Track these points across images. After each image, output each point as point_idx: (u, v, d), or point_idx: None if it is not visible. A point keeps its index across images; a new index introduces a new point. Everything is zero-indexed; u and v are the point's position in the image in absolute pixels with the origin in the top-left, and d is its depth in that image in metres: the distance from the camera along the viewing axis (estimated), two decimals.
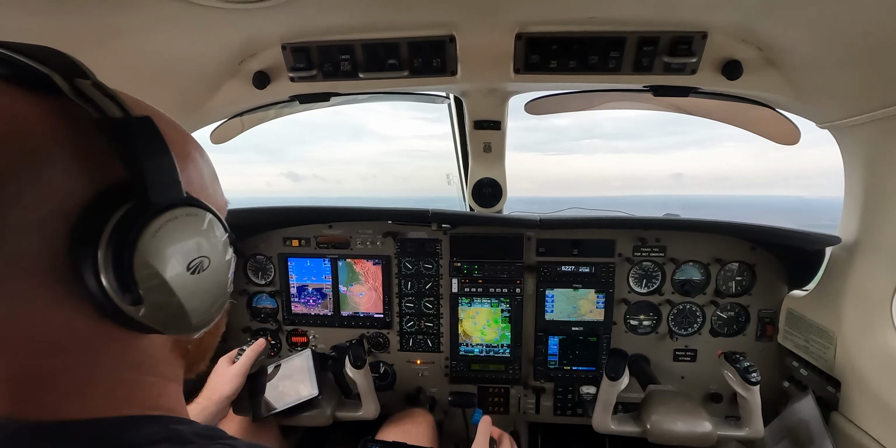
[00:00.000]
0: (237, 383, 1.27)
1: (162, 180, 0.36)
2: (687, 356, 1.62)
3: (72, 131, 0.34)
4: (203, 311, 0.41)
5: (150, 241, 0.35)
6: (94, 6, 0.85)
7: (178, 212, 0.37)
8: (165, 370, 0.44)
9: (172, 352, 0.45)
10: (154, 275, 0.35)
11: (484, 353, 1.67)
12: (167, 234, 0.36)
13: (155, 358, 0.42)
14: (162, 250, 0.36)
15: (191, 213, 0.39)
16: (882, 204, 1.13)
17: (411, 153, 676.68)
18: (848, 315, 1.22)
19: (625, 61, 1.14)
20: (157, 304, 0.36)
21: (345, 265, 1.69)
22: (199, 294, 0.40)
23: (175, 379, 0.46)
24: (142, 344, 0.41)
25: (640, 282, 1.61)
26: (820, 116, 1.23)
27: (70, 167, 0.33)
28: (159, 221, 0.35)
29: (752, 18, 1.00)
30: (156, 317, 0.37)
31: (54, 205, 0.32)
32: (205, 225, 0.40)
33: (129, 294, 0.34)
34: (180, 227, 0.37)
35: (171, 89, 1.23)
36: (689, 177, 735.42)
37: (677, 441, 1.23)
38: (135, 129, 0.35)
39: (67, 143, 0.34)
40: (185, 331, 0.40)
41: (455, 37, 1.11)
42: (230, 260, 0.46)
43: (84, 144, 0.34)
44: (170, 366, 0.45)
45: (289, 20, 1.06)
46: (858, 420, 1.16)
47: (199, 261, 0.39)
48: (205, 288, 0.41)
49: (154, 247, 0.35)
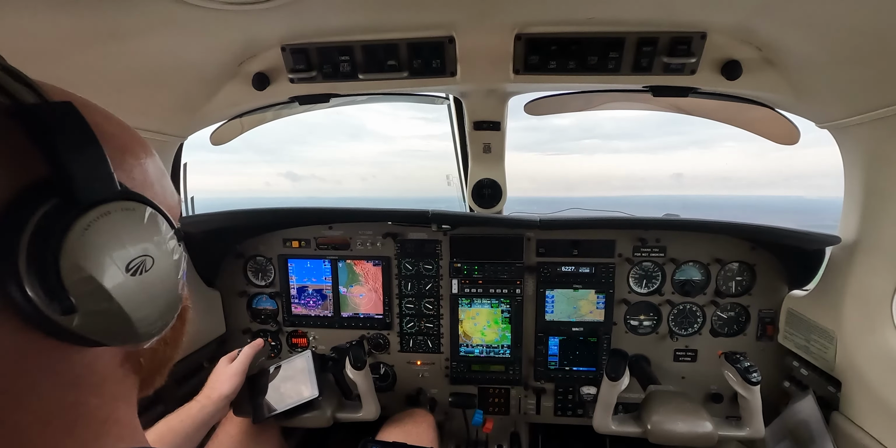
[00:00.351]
0: (236, 382, 1.27)
1: (89, 173, 0.32)
2: (687, 356, 1.62)
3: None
4: (151, 317, 0.37)
5: (78, 239, 0.30)
6: (94, 8, 0.85)
7: (112, 207, 0.33)
8: (114, 389, 0.38)
9: (122, 367, 0.39)
10: (86, 279, 0.31)
11: (484, 353, 1.67)
12: (99, 231, 0.32)
13: (101, 375, 0.37)
14: (94, 250, 0.31)
15: (127, 207, 0.34)
16: (882, 203, 1.13)
17: (411, 153, 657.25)
18: (848, 315, 1.22)
19: (624, 62, 1.14)
20: (93, 312, 0.32)
21: (345, 266, 1.69)
22: (143, 298, 0.35)
23: (126, 399, 0.40)
24: (84, 359, 0.35)
25: (641, 282, 1.61)
26: (819, 116, 1.23)
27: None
28: (88, 218, 0.31)
29: (751, 18, 1.00)
30: (94, 326, 0.32)
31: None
32: (145, 220, 0.36)
33: (59, 302, 0.30)
34: (115, 224, 0.33)
35: (171, 91, 1.23)
36: (690, 177, 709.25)
37: (678, 441, 1.23)
38: (54, 116, 0.31)
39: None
40: (132, 340, 0.36)
41: (454, 38, 1.12)
42: (179, 259, 0.40)
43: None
44: (119, 384, 0.39)
45: (288, 22, 1.06)
46: (859, 420, 1.16)
47: (141, 260, 0.35)
48: (150, 291, 0.36)
49: (84, 246, 0.31)
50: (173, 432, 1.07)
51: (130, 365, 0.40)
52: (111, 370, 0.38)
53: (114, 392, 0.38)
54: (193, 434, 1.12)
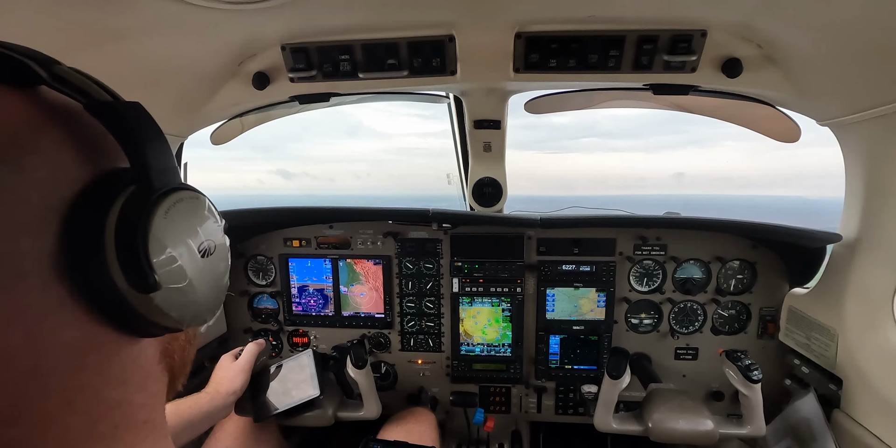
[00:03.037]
0: (243, 378, 1.27)
1: (162, 164, 0.34)
2: (688, 354, 1.62)
3: (52, 120, 0.32)
4: (211, 299, 0.40)
5: (161, 221, 0.33)
6: (94, 8, 0.85)
7: (182, 195, 0.35)
8: (153, 388, 0.38)
9: (160, 364, 0.39)
10: (169, 258, 0.33)
11: (485, 352, 1.67)
12: (177, 215, 0.34)
13: (145, 371, 0.37)
14: (174, 232, 0.34)
15: (193, 196, 0.37)
16: (883, 201, 1.13)
17: (408, 151, 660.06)
18: (849, 312, 1.22)
19: (624, 60, 1.13)
20: (173, 290, 0.34)
21: (345, 265, 1.69)
22: (209, 280, 0.38)
23: (161, 400, 0.40)
24: (133, 353, 0.36)
25: (641, 280, 1.61)
26: (820, 114, 1.23)
27: (59, 156, 0.31)
28: (168, 202, 0.33)
29: (752, 16, 1.00)
30: (172, 304, 0.34)
31: (45, 198, 0.29)
32: (206, 209, 0.39)
33: (145, 279, 0.31)
34: (188, 210, 0.36)
35: (172, 90, 1.23)
36: (691, 176, 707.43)
37: (679, 439, 1.23)
38: (130, 112, 0.33)
39: (50, 130, 0.31)
40: (197, 321, 0.38)
41: (454, 36, 1.11)
42: (228, 247, 0.43)
43: (70, 132, 0.32)
44: (158, 382, 0.39)
45: (288, 21, 1.06)
46: (860, 417, 1.16)
47: (207, 244, 0.38)
48: (212, 274, 0.39)
49: (166, 228, 0.33)
50: (180, 416, 1.07)
51: (165, 363, 0.40)
52: (152, 367, 0.38)
53: (153, 391, 0.38)
54: (198, 423, 1.13)
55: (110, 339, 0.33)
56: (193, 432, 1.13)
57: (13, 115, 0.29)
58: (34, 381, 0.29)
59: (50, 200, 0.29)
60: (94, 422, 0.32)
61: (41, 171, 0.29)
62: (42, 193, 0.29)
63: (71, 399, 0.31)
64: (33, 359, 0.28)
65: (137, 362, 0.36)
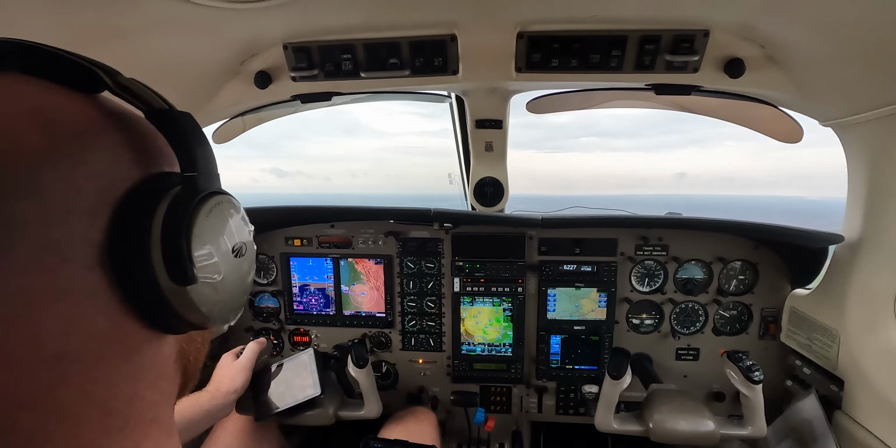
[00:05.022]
0: (245, 377, 1.27)
1: (208, 169, 0.37)
2: (689, 355, 1.62)
3: (113, 123, 0.35)
4: (238, 298, 0.42)
5: (204, 220, 0.35)
6: (97, 7, 0.85)
7: (223, 198, 0.38)
8: (165, 387, 0.39)
9: (175, 363, 0.40)
10: (207, 254, 0.35)
11: (486, 352, 1.67)
12: (217, 215, 0.37)
13: (159, 369, 0.38)
14: (214, 231, 0.36)
15: (231, 201, 0.40)
16: (885, 202, 1.13)
17: (406, 150, 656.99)
18: (851, 313, 1.21)
19: (626, 60, 1.13)
20: (206, 285, 0.36)
21: (346, 265, 1.69)
22: (237, 278, 0.40)
23: (171, 400, 0.41)
24: (152, 349, 0.37)
25: (643, 281, 1.61)
26: (823, 114, 1.22)
27: (116, 155, 0.34)
28: (211, 203, 0.36)
29: (755, 16, 1.00)
30: (203, 298, 0.36)
31: (99, 191, 0.32)
32: (241, 214, 0.41)
33: (184, 272, 0.33)
34: (227, 212, 0.38)
35: (173, 89, 1.23)
36: (693, 176, 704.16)
37: (680, 440, 1.23)
38: (184, 120, 0.36)
39: (110, 132, 0.34)
40: (222, 319, 0.40)
41: (456, 36, 1.11)
42: (255, 249, 0.46)
43: (128, 136, 0.35)
44: (170, 382, 0.40)
45: (290, 20, 1.06)
46: (862, 419, 1.16)
47: (241, 246, 0.40)
48: (242, 274, 0.41)
49: (208, 226, 0.35)
50: (181, 415, 1.08)
51: (180, 364, 0.41)
52: (167, 366, 0.39)
53: (165, 390, 0.39)
54: (198, 422, 1.13)
55: (135, 332, 0.34)
56: (194, 431, 1.13)
57: (79, 116, 0.33)
58: (56, 367, 0.29)
59: (104, 193, 0.32)
60: (106, 415, 0.32)
61: (99, 165, 0.32)
62: (97, 186, 0.32)
63: (87, 390, 0.31)
64: (60, 344, 0.29)
65: (154, 359, 0.37)
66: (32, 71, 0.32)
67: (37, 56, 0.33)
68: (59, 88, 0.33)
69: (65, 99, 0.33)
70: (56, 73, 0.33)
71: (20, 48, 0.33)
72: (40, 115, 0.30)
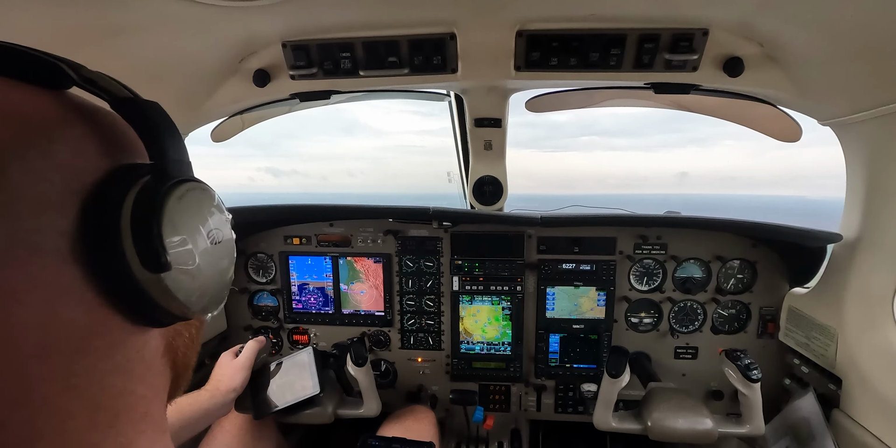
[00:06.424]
0: (244, 375, 1.28)
1: (177, 157, 0.37)
2: (688, 353, 1.62)
3: (79, 116, 0.35)
4: (219, 289, 0.41)
5: (175, 206, 0.35)
6: (95, 4, 0.85)
7: (194, 185, 0.38)
8: (155, 381, 0.38)
9: (163, 357, 0.40)
10: (180, 240, 0.35)
11: (485, 350, 1.68)
12: (189, 201, 0.36)
13: (147, 363, 0.37)
14: (186, 217, 0.36)
15: (204, 187, 0.39)
16: (884, 201, 1.13)
17: (405, 149, 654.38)
18: (849, 312, 1.22)
19: (626, 58, 1.13)
20: (182, 272, 0.35)
21: (345, 263, 1.69)
22: (215, 267, 0.40)
23: (162, 395, 0.40)
24: (138, 342, 0.36)
25: (641, 279, 1.61)
26: (822, 113, 1.22)
27: (82, 147, 0.34)
28: (181, 190, 0.36)
29: (754, 15, 1.00)
30: (180, 286, 0.35)
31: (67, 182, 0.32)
32: (215, 201, 0.41)
33: (157, 259, 0.33)
34: (199, 198, 0.38)
35: (172, 87, 1.23)
36: (694, 176, 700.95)
37: (678, 438, 1.23)
38: (150, 109, 0.36)
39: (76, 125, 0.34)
40: (202, 309, 0.39)
41: (456, 34, 1.11)
42: (234, 239, 0.45)
43: (94, 128, 0.35)
44: (160, 376, 0.39)
45: (289, 18, 1.05)
46: (859, 417, 1.16)
47: (215, 232, 0.40)
48: (220, 262, 0.41)
49: (178, 212, 0.35)
50: (180, 413, 1.08)
51: (168, 358, 0.41)
52: (156, 359, 0.39)
53: (154, 385, 0.39)
54: (197, 421, 1.13)
55: (117, 326, 0.34)
56: (193, 429, 1.13)
57: (44, 110, 0.33)
58: (39, 362, 0.29)
59: (72, 184, 0.32)
60: (95, 410, 0.32)
61: (65, 157, 0.32)
62: (65, 177, 0.32)
63: (73, 384, 0.31)
64: (40, 338, 0.29)
65: (141, 353, 0.37)
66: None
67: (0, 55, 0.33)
68: (23, 85, 0.33)
69: (28, 95, 0.33)
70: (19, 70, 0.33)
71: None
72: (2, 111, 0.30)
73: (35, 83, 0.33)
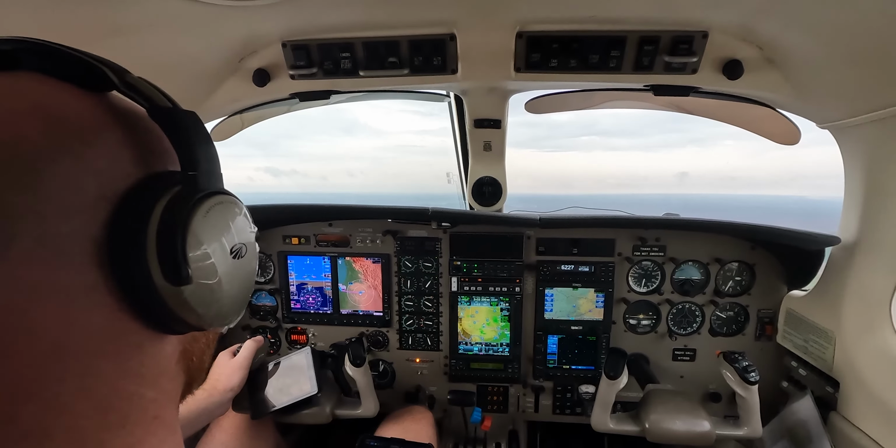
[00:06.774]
0: (241, 375, 1.28)
1: (209, 169, 0.37)
2: (686, 356, 1.62)
3: (117, 121, 0.35)
4: (238, 301, 0.41)
5: (201, 220, 0.35)
6: (94, 3, 0.85)
7: (223, 198, 0.38)
8: (167, 386, 0.39)
9: (178, 364, 0.40)
10: (203, 254, 0.35)
11: (483, 351, 1.68)
12: (216, 216, 0.36)
13: (160, 368, 0.38)
14: (211, 231, 0.36)
15: (233, 201, 0.39)
16: (882, 204, 1.13)
17: (405, 149, 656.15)
18: (847, 315, 1.22)
19: (625, 60, 1.13)
20: (202, 286, 0.35)
21: (344, 263, 1.69)
22: (236, 281, 0.40)
23: (174, 399, 0.41)
24: (153, 348, 0.36)
25: (640, 281, 1.61)
26: (820, 116, 1.23)
27: (118, 154, 0.34)
28: (210, 203, 0.36)
29: (753, 18, 1.00)
30: (199, 300, 0.35)
31: (99, 188, 0.32)
32: (242, 214, 0.41)
33: (179, 271, 0.33)
34: (226, 212, 0.38)
35: (172, 87, 1.21)
36: (694, 176, 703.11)
37: (676, 440, 1.23)
38: (187, 119, 0.36)
39: (113, 131, 0.34)
40: (220, 322, 0.40)
41: (456, 35, 1.11)
42: (257, 253, 0.45)
43: (130, 135, 0.35)
44: (172, 381, 0.40)
45: (289, 18, 1.05)
46: (857, 420, 1.16)
47: (240, 247, 0.40)
48: (241, 277, 0.41)
49: (204, 226, 0.35)
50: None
51: (183, 364, 0.41)
52: (169, 365, 0.39)
53: (167, 389, 0.39)
54: (194, 420, 1.13)
55: (134, 331, 0.34)
56: (190, 429, 1.13)
57: (83, 113, 0.33)
58: (54, 362, 0.29)
59: (104, 190, 0.32)
60: (105, 411, 0.33)
61: (99, 163, 0.32)
62: (97, 183, 0.32)
63: (86, 385, 0.31)
64: (57, 338, 0.29)
65: (156, 358, 0.37)
66: (43, 69, 0.33)
67: (47, 55, 0.33)
68: (67, 86, 0.33)
69: (70, 96, 0.33)
70: (65, 72, 0.33)
71: (32, 47, 0.33)
72: (43, 112, 0.31)
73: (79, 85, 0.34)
